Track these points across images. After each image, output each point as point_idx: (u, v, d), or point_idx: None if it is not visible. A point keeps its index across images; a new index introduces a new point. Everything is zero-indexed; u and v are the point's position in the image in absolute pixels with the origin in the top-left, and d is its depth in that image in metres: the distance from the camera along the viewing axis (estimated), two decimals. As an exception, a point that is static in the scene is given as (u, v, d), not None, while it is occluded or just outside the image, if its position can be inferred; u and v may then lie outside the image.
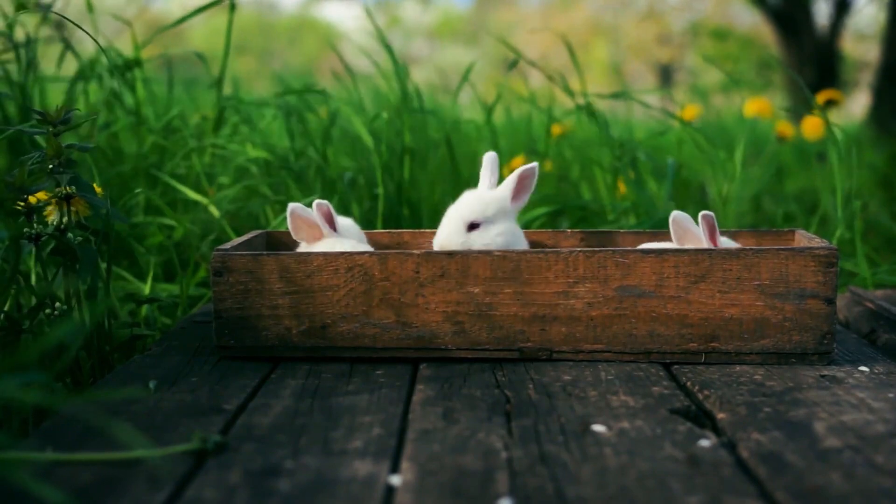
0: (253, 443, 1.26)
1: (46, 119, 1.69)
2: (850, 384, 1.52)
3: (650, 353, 1.67)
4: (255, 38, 21.50)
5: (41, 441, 1.25)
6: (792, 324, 1.64)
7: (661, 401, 1.44)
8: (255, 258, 1.69)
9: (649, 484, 1.11)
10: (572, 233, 2.06)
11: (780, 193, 4.00)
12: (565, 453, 1.21)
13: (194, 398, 1.47)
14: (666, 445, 1.24)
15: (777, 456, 1.20)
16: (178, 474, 1.14)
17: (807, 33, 9.01)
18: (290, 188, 2.72)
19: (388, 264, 1.67)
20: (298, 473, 1.15)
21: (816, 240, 1.76)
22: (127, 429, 0.97)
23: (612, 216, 2.90)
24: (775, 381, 1.54)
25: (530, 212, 2.85)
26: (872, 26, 13.33)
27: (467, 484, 1.11)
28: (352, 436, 1.28)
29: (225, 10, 2.79)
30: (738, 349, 1.66)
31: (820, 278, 1.63)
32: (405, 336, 1.69)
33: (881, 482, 1.10)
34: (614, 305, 1.66)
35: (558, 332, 1.67)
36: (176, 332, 1.93)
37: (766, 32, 12.12)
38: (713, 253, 1.64)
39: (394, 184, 2.79)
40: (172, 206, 2.69)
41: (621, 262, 1.65)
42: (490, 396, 1.47)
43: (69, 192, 1.69)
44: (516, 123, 4.16)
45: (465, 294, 1.67)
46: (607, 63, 20.87)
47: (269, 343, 1.70)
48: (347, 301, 1.68)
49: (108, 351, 1.79)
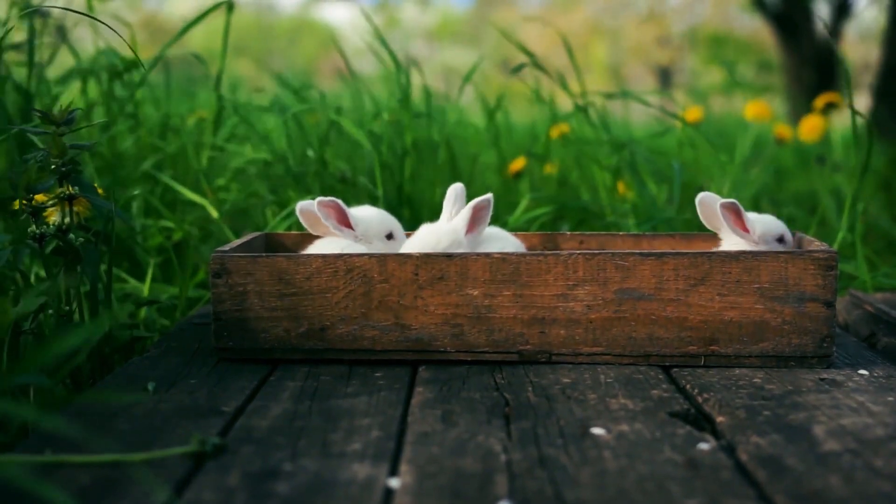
0: (252, 445, 1.26)
1: (50, 119, 1.68)
2: (849, 388, 1.52)
3: (649, 356, 1.67)
4: (254, 39, 21.50)
5: (40, 443, 1.25)
6: (791, 327, 1.64)
7: (661, 404, 1.44)
8: (254, 260, 1.68)
9: (648, 487, 1.11)
10: (572, 235, 2.06)
11: (780, 196, 4.00)
12: (564, 456, 1.21)
13: (193, 400, 1.47)
14: (665, 448, 1.24)
15: (776, 459, 1.20)
16: (177, 477, 1.14)
17: (806, 36, 9.02)
18: (288, 189, 2.72)
19: (387, 266, 1.67)
20: (297, 476, 1.15)
21: (816, 243, 1.76)
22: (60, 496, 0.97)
23: (611, 218, 2.90)
24: (775, 384, 1.54)
25: (529, 213, 2.85)
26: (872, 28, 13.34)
27: (466, 486, 1.11)
28: (350, 438, 1.28)
29: (223, 12, 2.79)
30: (737, 352, 1.65)
31: (819, 281, 1.63)
32: (404, 338, 1.68)
33: (881, 486, 1.10)
34: (614, 308, 1.66)
35: (557, 334, 1.67)
36: (175, 334, 1.93)
37: (765, 35, 12.12)
38: (713, 256, 1.64)
39: (394, 185, 2.78)
40: (171, 208, 2.69)
41: (621, 264, 1.65)
42: (489, 399, 1.47)
43: (72, 193, 1.69)
44: (516, 126, 4.16)
45: (464, 296, 1.67)
46: (607, 64, 20.88)
47: (267, 345, 1.70)
48: (346, 303, 1.68)
49: (108, 353, 1.79)
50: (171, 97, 3.21)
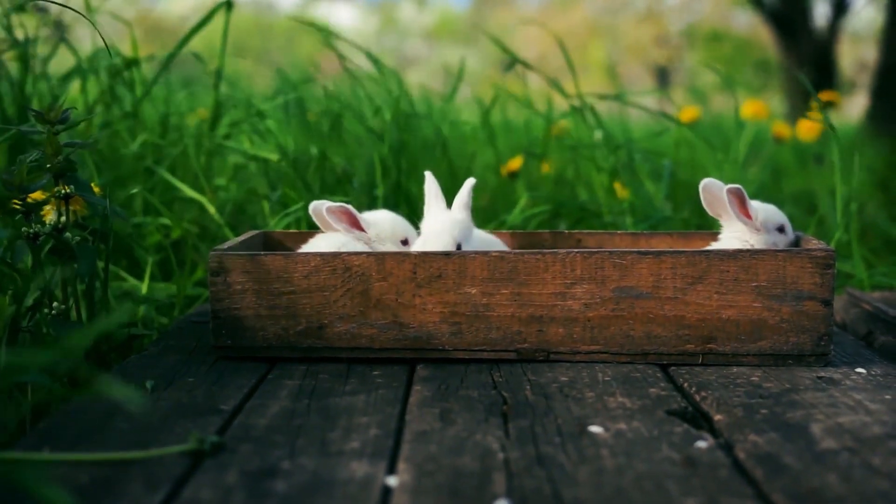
0: (250, 443, 1.26)
1: (45, 118, 1.68)
2: (847, 386, 1.52)
3: (647, 355, 1.67)
4: (253, 38, 21.48)
5: (38, 441, 1.25)
6: (789, 325, 1.64)
7: (658, 402, 1.44)
8: (253, 258, 1.68)
9: (646, 485, 1.11)
10: (570, 234, 2.06)
11: (777, 195, 4.00)
12: (562, 454, 1.21)
13: (191, 398, 1.47)
14: (663, 447, 1.24)
15: (774, 458, 1.20)
16: (175, 475, 1.14)
17: (804, 35, 9.02)
18: (286, 188, 2.72)
19: (385, 265, 1.67)
20: (295, 474, 1.15)
21: (813, 241, 1.76)
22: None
23: (609, 217, 2.90)
24: (772, 382, 1.55)
25: (528, 212, 2.85)
26: (871, 28, 13.35)
27: (464, 485, 1.11)
28: (349, 436, 1.28)
29: (223, 11, 2.79)
30: (735, 350, 1.66)
31: (817, 280, 1.63)
32: (402, 337, 1.69)
33: (878, 484, 1.11)
34: (611, 306, 1.66)
35: (555, 333, 1.67)
36: (173, 332, 1.93)
37: (763, 34, 12.13)
38: (710, 254, 1.64)
39: (390, 183, 2.79)
40: (169, 206, 2.69)
41: (619, 263, 1.65)
42: (487, 397, 1.47)
43: (68, 192, 1.69)
44: (513, 124, 4.16)
45: (462, 295, 1.67)
46: (605, 64, 20.88)
47: (266, 343, 1.70)
48: (344, 302, 1.68)
49: (106, 351, 1.79)
50: (170, 96, 3.20)
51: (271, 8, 27.97)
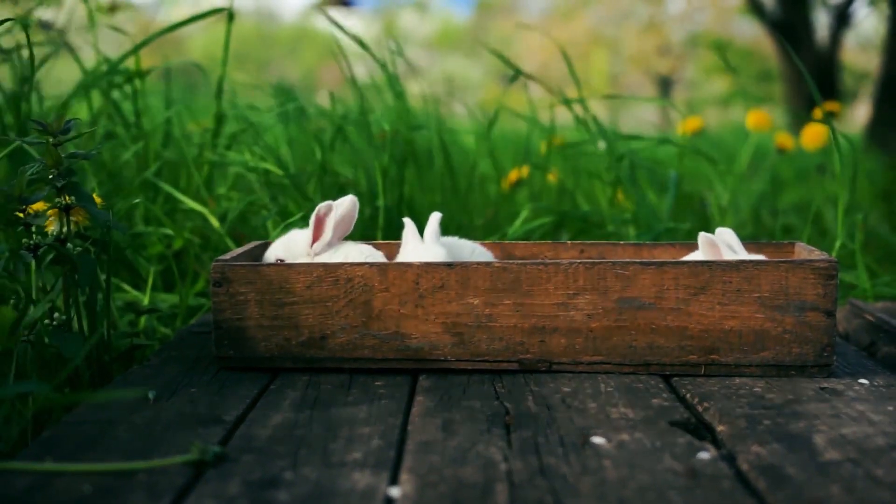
0: (252, 454, 1.26)
1: (46, 129, 1.68)
2: (849, 397, 1.52)
3: (650, 365, 1.67)
4: (255, 48, 21.53)
5: (40, 451, 1.25)
6: (792, 336, 1.64)
7: (661, 413, 1.44)
8: (255, 269, 1.69)
9: (649, 496, 1.11)
10: (572, 244, 2.06)
11: (780, 205, 4.00)
12: (565, 465, 1.21)
13: (193, 409, 1.47)
14: (665, 458, 1.24)
15: (777, 469, 1.19)
16: (177, 485, 1.14)
17: (807, 45, 9.03)
18: (287, 199, 2.72)
19: (387, 275, 1.67)
20: (297, 485, 1.14)
21: (816, 252, 1.76)
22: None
23: (611, 227, 2.90)
24: (775, 393, 1.54)
25: (530, 223, 2.85)
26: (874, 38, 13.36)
27: (467, 496, 1.11)
28: (351, 447, 1.28)
29: (224, 20, 2.80)
30: (737, 361, 1.65)
31: (820, 291, 1.63)
32: (404, 347, 1.68)
33: (881, 495, 1.10)
34: (614, 317, 1.66)
35: (558, 343, 1.67)
36: (175, 343, 1.93)
37: (766, 44, 12.14)
38: (713, 265, 1.64)
39: (394, 194, 2.79)
40: (171, 216, 2.69)
41: (621, 273, 1.65)
42: (489, 408, 1.47)
43: (69, 203, 1.69)
44: (515, 134, 4.16)
45: (464, 305, 1.67)
46: (608, 73, 20.91)
47: (268, 354, 1.70)
48: (347, 312, 1.68)
49: (108, 361, 1.79)
50: (172, 106, 3.20)
51: (273, 18, 28.06)
